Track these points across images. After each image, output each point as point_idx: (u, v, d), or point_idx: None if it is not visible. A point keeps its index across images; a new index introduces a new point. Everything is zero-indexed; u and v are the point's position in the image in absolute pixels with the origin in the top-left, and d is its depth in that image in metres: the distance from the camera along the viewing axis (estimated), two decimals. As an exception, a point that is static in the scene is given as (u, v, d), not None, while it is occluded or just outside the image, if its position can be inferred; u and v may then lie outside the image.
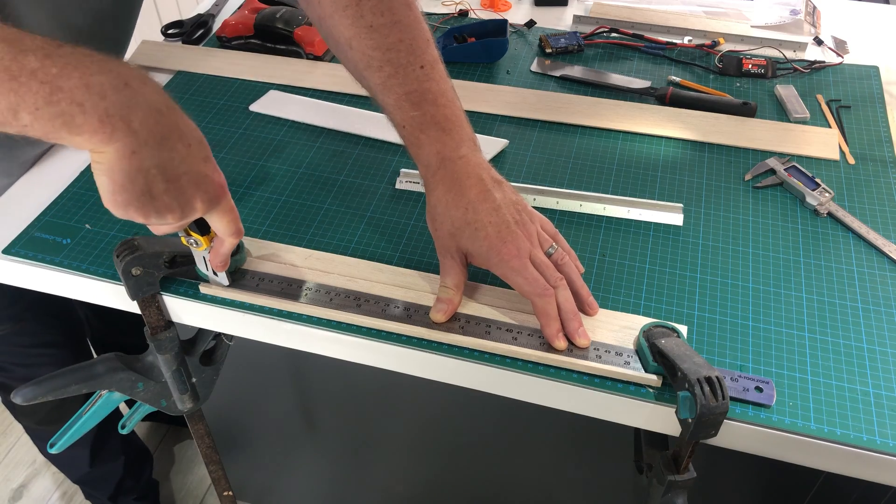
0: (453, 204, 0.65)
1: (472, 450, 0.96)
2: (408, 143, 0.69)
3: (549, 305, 0.64)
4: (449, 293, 0.67)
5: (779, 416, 0.61)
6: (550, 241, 0.68)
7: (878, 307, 0.70)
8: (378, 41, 0.67)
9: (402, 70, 0.67)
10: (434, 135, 0.67)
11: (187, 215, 0.57)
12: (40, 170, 0.86)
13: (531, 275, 0.64)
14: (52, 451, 0.78)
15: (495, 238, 0.64)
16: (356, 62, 0.69)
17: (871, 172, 0.84)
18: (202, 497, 1.46)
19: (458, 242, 0.66)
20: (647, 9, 1.11)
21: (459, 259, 0.67)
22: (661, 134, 0.90)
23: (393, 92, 0.67)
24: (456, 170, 0.66)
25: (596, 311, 0.68)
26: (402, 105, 0.67)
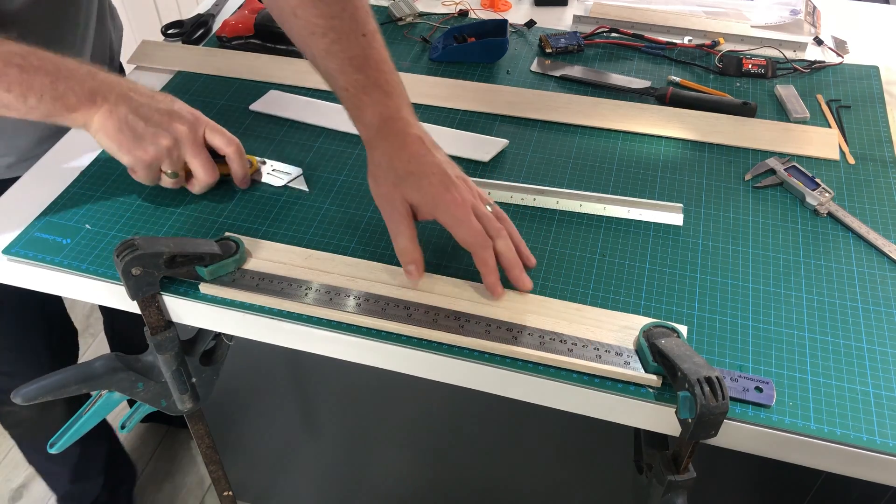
0: (396, 156, 0.68)
1: (471, 450, 0.96)
2: (349, 106, 0.72)
3: (489, 256, 0.67)
4: (410, 251, 0.68)
5: (779, 416, 0.61)
6: (489, 200, 0.71)
7: (878, 307, 0.70)
8: (322, 10, 0.70)
9: (345, 37, 0.70)
10: (376, 97, 0.70)
11: (180, 139, 0.73)
12: (40, 170, 0.86)
13: (474, 225, 0.67)
14: (52, 451, 0.78)
15: (440, 186, 0.67)
16: (300, 30, 0.72)
17: (871, 172, 0.84)
18: (202, 497, 1.46)
19: (402, 192, 0.68)
20: (647, 9, 1.11)
21: (406, 211, 0.68)
22: (661, 134, 0.90)
23: (336, 57, 0.71)
24: (398, 128, 0.69)
25: (533, 263, 0.72)
26: (346, 69, 0.70)
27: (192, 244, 0.68)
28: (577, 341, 0.65)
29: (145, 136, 0.71)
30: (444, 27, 1.08)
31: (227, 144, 0.77)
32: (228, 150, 0.78)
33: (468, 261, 0.74)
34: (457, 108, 0.94)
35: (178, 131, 0.73)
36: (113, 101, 0.70)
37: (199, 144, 0.75)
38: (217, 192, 0.82)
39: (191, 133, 0.74)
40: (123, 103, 0.71)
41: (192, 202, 0.81)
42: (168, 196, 0.82)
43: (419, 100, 0.95)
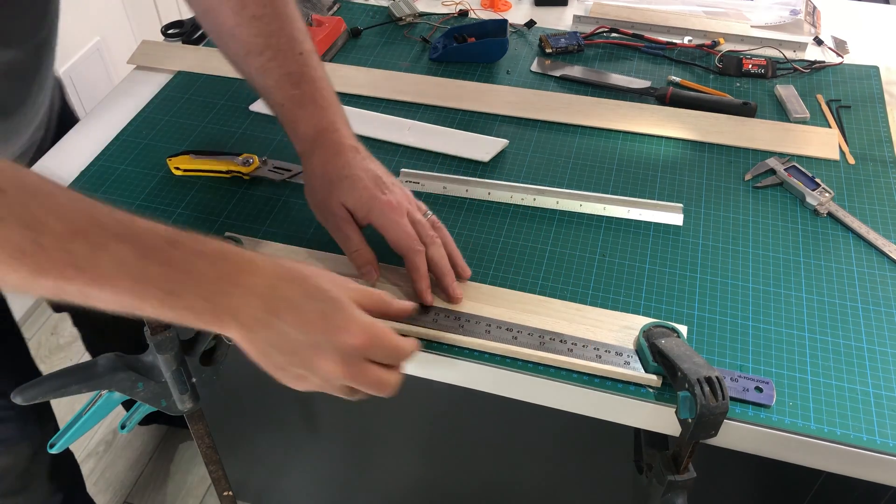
0: (330, 164, 0.68)
1: (472, 450, 0.96)
2: (285, 121, 0.72)
3: (420, 262, 0.66)
4: (361, 252, 0.68)
5: (779, 416, 0.61)
6: (425, 209, 0.71)
7: (878, 307, 0.70)
8: (260, 29, 0.71)
9: (282, 54, 0.71)
10: (311, 110, 0.70)
11: (328, 379, 0.56)
12: (40, 170, 0.86)
13: (407, 229, 0.66)
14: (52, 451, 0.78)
15: (374, 189, 0.67)
16: (238, 49, 0.72)
17: (871, 172, 0.84)
18: (202, 497, 1.46)
19: (337, 198, 0.67)
20: (647, 9, 1.11)
21: (345, 214, 0.68)
22: (661, 134, 0.90)
23: (273, 73, 0.71)
24: (332, 139, 0.69)
25: (468, 275, 0.71)
26: (282, 85, 0.71)
27: (192, 244, 0.68)
28: (577, 341, 0.65)
29: (289, 372, 0.56)
30: (444, 27, 1.08)
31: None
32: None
33: (468, 261, 0.74)
34: (457, 108, 0.94)
35: (327, 373, 0.55)
36: (248, 323, 0.53)
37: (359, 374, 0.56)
38: (217, 192, 0.82)
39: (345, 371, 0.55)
40: (261, 332, 0.54)
41: (192, 202, 0.81)
42: (168, 196, 0.82)
43: (419, 100, 0.95)
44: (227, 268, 0.53)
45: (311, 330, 0.54)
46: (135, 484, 1.47)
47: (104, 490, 1.46)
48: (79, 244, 0.49)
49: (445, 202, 0.81)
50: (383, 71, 1.01)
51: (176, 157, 0.84)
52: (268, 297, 0.53)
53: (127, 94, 0.97)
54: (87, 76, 1.84)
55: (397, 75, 1.00)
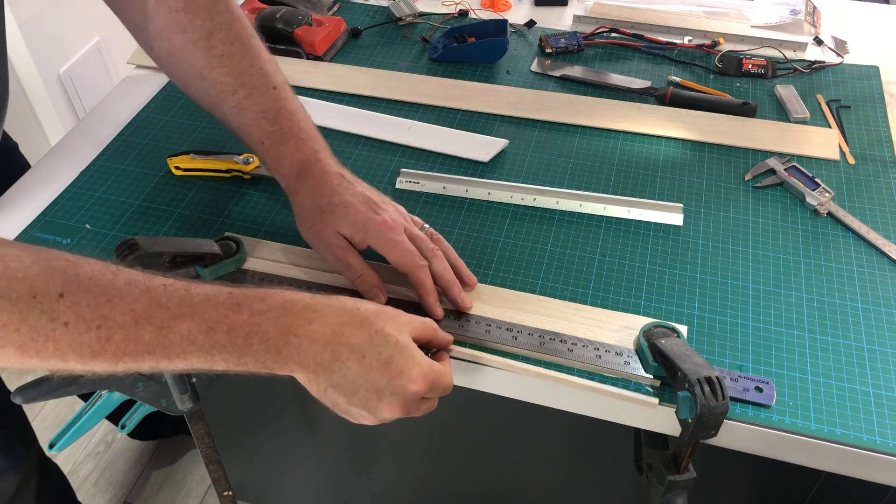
0: (318, 194, 0.68)
1: (472, 450, 0.96)
2: (267, 158, 0.71)
3: (426, 277, 0.66)
4: (366, 277, 0.67)
5: (779, 416, 0.61)
6: (421, 223, 0.71)
7: (878, 307, 0.70)
8: (230, 68, 0.70)
9: (255, 92, 0.70)
10: (293, 145, 0.70)
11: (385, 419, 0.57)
12: (40, 170, 0.86)
13: (407, 247, 0.66)
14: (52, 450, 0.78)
15: (367, 212, 0.66)
16: (209, 90, 0.71)
17: (871, 172, 0.84)
18: (202, 497, 1.46)
19: (333, 226, 0.67)
20: (647, 9, 1.11)
21: (342, 242, 0.67)
22: (661, 134, 0.90)
23: (249, 112, 0.70)
24: (317, 170, 0.69)
25: (474, 283, 0.70)
26: (260, 123, 0.70)
27: (192, 244, 0.68)
28: (577, 341, 0.65)
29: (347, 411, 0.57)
30: (444, 27, 1.08)
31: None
32: None
33: (468, 261, 0.74)
34: (457, 108, 0.94)
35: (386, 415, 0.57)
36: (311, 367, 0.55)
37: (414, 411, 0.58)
38: (217, 192, 0.82)
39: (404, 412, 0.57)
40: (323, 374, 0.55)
41: (192, 202, 0.81)
42: (168, 196, 0.82)
43: (419, 100, 0.95)
44: (290, 321, 0.54)
45: (373, 375, 0.55)
46: (135, 484, 1.47)
47: (104, 490, 1.46)
48: (145, 331, 0.51)
49: (445, 202, 0.81)
50: (383, 71, 1.01)
51: (176, 157, 0.84)
52: (331, 343, 0.55)
53: (127, 94, 0.97)
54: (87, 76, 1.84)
55: (397, 75, 1.00)
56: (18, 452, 1.01)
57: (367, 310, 0.57)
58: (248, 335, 0.53)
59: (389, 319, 0.57)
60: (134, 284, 0.51)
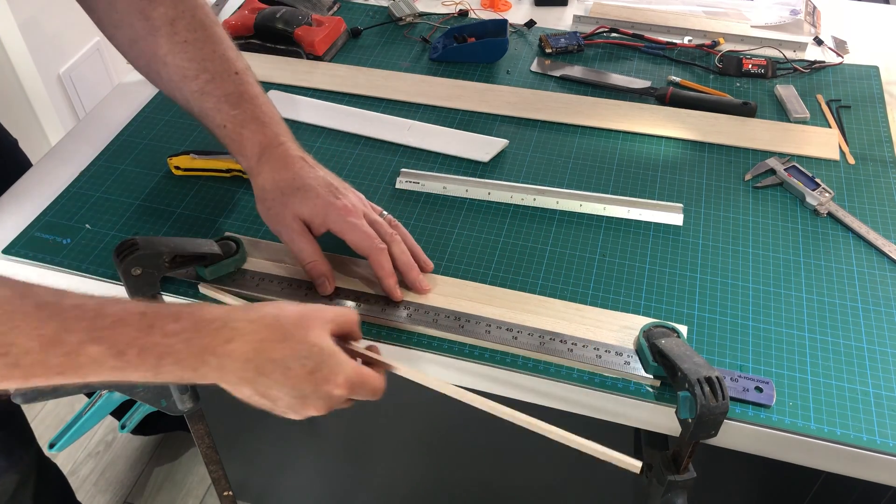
0: (280, 177, 0.68)
1: (471, 450, 0.96)
2: (229, 141, 0.71)
3: (385, 260, 0.67)
4: (316, 263, 0.68)
5: (779, 416, 0.61)
6: (380, 210, 0.72)
7: (878, 307, 0.70)
8: (193, 54, 0.71)
9: (218, 76, 0.71)
10: (255, 128, 0.70)
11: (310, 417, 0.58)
12: (40, 170, 0.86)
13: (366, 230, 0.67)
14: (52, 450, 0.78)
15: (327, 195, 0.68)
16: (171, 75, 0.72)
17: (871, 172, 0.84)
18: (202, 497, 1.46)
19: (292, 210, 0.68)
20: (647, 9, 1.11)
21: (300, 227, 0.68)
22: (661, 134, 0.90)
23: (211, 96, 0.71)
24: (278, 153, 0.70)
25: (431, 268, 0.72)
26: (222, 107, 0.71)
27: (192, 244, 0.68)
28: (577, 341, 0.65)
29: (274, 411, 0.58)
30: (444, 27, 1.08)
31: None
32: None
33: (468, 261, 0.74)
34: (457, 108, 0.94)
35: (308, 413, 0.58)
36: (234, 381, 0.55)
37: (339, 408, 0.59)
38: (217, 192, 0.82)
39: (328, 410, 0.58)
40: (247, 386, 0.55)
41: (192, 202, 0.81)
42: (168, 196, 0.82)
43: (419, 100, 0.95)
44: (206, 341, 0.53)
45: (300, 385, 0.55)
46: (135, 484, 1.47)
47: (104, 490, 1.46)
48: (53, 356, 0.49)
49: (445, 202, 0.81)
50: (383, 71, 1.01)
51: (176, 157, 0.84)
52: (254, 360, 0.54)
53: (127, 93, 0.97)
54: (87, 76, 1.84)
55: (397, 75, 1.00)
56: (17, 452, 1.01)
57: (288, 320, 0.55)
58: (160, 356, 0.52)
59: (311, 324, 0.56)
60: (44, 307, 0.50)
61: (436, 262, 0.74)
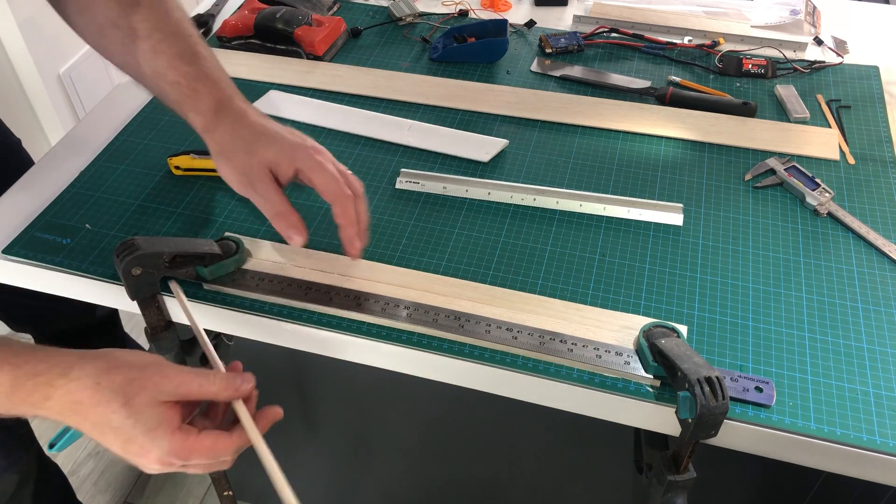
0: (240, 129, 0.67)
1: (472, 450, 0.96)
2: (182, 98, 0.70)
3: (350, 207, 0.66)
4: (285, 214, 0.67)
5: (779, 416, 0.61)
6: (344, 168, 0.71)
7: (878, 307, 0.70)
8: (146, 15, 0.70)
9: (171, 36, 0.70)
10: (210, 84, 0.69)
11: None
12: (40, 170, 0.86)
13: (336, 174, 0.66)
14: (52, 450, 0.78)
15: (292, 137, 0.67)
16: (122, 39, 0.71)
17: (871, 172, 0.84)
18: (202, 497, 1.46)
19: (257, 157, 0.66)
20: (647, 9, 1.11)
21: (267, 176, 0.66)
22: (661, 134, 0.90)
23: (165, 54, 0.70)
24: (234, 108, 0.69)
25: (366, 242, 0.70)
26: (175, 63, 0.70)
27: (192, 244, 0.68)
28: (577, 341, 0.65)
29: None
30: (444, 27, 1.08)
31: None
32: None
33: (468, 261, 0.74)
34: (457, 108, 0.94)
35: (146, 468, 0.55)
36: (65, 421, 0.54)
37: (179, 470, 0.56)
38: (217, 192, 0.82)
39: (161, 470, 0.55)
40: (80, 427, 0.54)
41: (192, 202, 0.81)
42: (168, 196, 0.82)
43: (419, 100, 0.95)
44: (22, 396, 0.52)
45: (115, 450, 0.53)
46: (135, 484, 1.47)
47: (104, 490, 1.46)
48: None
49: (445, 202, 0.81)
50: (383, 71, 1.01)
51: (176, 157, 0.84)
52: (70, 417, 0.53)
53: (127, 93, 0.97)
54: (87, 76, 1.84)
55: (397, 75, 1.00)
56: (17, 452, 1.01)
57: (111, 384, 0.52)
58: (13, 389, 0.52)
59: (136, 393, 0.52)
60: None
61: (436, 262, 0.74)
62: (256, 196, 0.67)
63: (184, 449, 0.53)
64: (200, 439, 0.54)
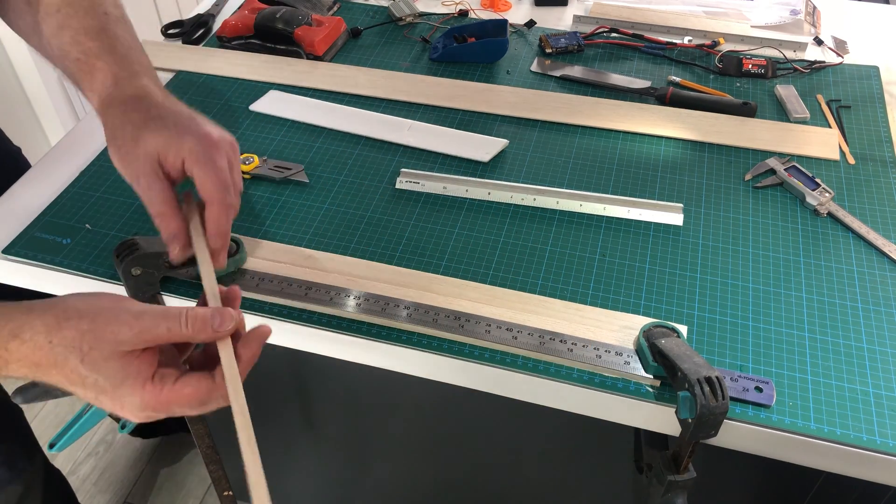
0: (133, 108, 0.58)
1: (471, 450, 0.96)
2: (81, 75, 0.62)
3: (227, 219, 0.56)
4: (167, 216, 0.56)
5: (779, 416, 0.61)
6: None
7: (878, 307, 0.70)
8: None
9: (82, 11, 0.64)
10: (110, 60, 0.62)
11: None
12: (40, 170, 0.86)
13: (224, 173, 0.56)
14: (52, 451, 0.78)
15: (187, 120, 0.58)
16: (33, 14, 0.65)
17: (871, 172, 0.84)
18: (202, 497, 1.46)
19: (144, 145, 0.56)
20: (647, 9, 1.11)
21: (152, 167, 0.56)
22: (661, 134, 0.90)
23: (70, 29, 0.63)
24: (134, 86, 0.61)
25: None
26: (79, 39, 0.63)
27: (192, 244, 0.68)
28: (577, 341, 0.65)
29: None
30: (444, 27, 1.08)
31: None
32: None
33: (468, 261, 0.74)
34: (457, 108, 0.94)
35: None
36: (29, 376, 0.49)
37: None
38: (217, 192, 0.82)
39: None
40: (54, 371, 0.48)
41: (192, 202, 0.81)
42: (168, 196, 0.82)
43: (419, 100, 0.95)
44: None
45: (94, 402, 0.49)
46: (135, 484, 1.48)
47: (104, 490, 1.46)
48: None
49: (445, 202, 0.81)
50: (383, 71, 1.01)
51: (176, 157, 0.84)
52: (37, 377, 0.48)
53: (127, 94, 0.97)
54: (87, 76, 1.84)
55: (397, 75, 1.00)
56: (20, 464, 1.00)
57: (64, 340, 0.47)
58: None
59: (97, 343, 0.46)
60: None
61: (436, 262, 0.74)
62: (139, 191, 0.57)
63: (159, 403, 0.47)
64: (177, 389, 0.48)
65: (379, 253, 0.75)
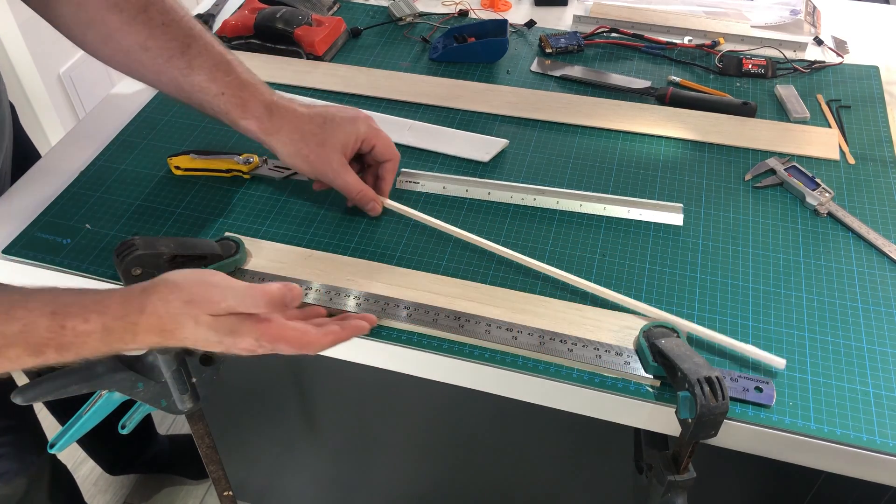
0: (302, 122, 0.73)
1: (471, 450, 0.96)
2: (231, 107, 0.73)
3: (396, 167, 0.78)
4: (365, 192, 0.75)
5: (779, 416, 0.61)
6: None
7: (878, 307, 0.70)
8: (174, 33, 0.73)
9: (205, 50, 0.73)
10: (252, 90, 0.74)
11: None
12: (40, 170, 0.86)
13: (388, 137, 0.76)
14: (52, 451, 0.78)
15: (344, 114, 0.74)
16: (154, 59, 0.73)
17: (871, 172, 0.84)
18: (202, 497, 1.46)
19: (331, 144, 0.72)
20: (647, 9, 1.11)
21: (342, 160, 0.73)
22: (661, 134, 0.90)
23: (202, 68, 0.73)
24: (283, 105, 0.74)
25: None
26: (216, 76, 0.73)
27: (192, 244, 0.68)
28: (577, 341, 0.65)
29: None
30: (444, 27, 1.08)
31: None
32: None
33: (467, 260, 0.74)
34: (457, 108, 0.94)
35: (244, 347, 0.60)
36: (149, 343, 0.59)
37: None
38: (217, 192, 0.82)
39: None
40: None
41: (192, 202, 0.81)
42: (168, 196, 0.82)
43: (419, 100, 0.95)
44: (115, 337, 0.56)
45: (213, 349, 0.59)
46: (135, 484, 1.48)
47: (104, 490, 1.46)
48: None
49: (445, 202, 0.81)
50: (383, 71, 1.01)
51: (176, 157, 0.84)
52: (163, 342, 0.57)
53: (127, 93, 0.97)
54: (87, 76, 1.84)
55: (397, 75, 1.00)
56: (29, 457, 1.01)
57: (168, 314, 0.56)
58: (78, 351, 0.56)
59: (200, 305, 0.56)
60: None
61: (436, 262, 0.74)
62: (337, 180, 0.74)
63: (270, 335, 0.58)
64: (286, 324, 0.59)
65: (379, 252, 0.75)
